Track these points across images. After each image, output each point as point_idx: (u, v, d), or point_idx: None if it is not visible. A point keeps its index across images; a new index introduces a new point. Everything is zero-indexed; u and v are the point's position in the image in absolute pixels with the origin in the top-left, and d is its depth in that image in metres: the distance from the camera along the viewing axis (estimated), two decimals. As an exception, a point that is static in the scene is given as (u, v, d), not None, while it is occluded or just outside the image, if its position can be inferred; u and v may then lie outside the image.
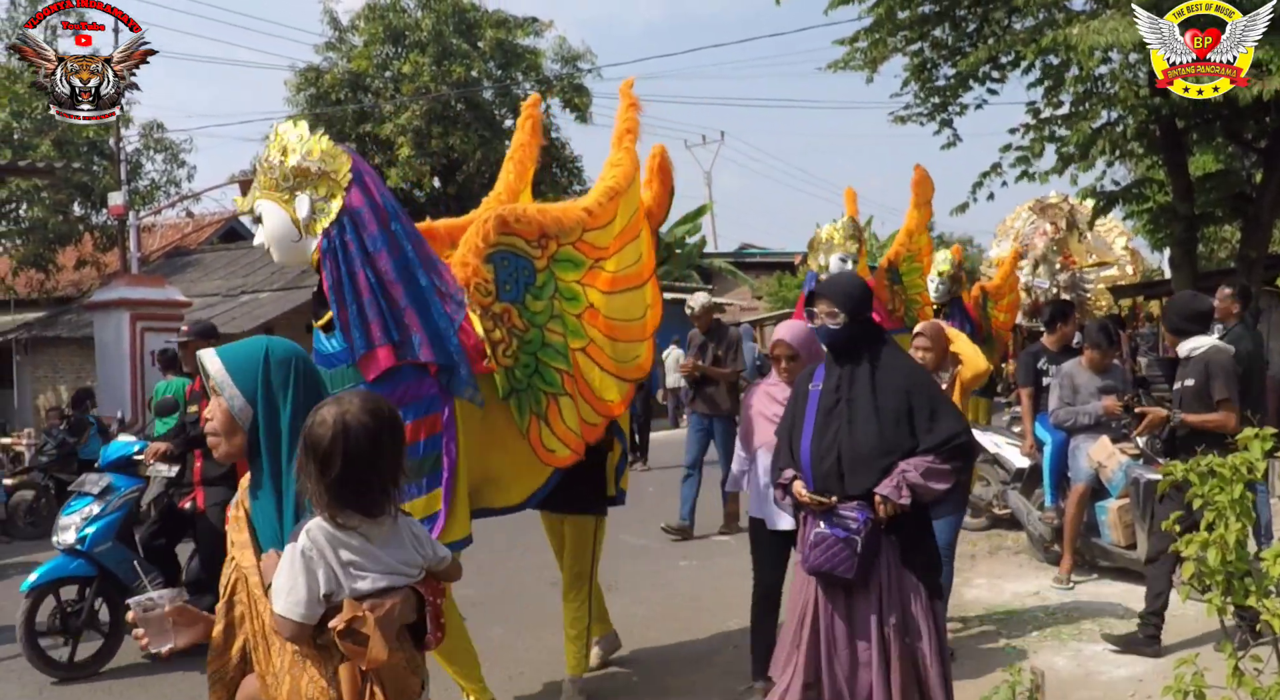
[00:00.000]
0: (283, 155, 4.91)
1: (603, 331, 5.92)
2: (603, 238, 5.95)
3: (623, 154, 6.25)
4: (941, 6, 13.21)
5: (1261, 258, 12.62)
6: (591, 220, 5.86)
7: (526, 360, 5.44)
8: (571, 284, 5.76)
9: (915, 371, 4.74)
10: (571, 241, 5.75)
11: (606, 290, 5.96)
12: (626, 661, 7.03)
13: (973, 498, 10.54)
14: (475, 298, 5.19)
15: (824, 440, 4.59)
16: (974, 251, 49.65)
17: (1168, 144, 13.13)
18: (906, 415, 4.50)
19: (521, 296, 5.46)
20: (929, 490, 4.42)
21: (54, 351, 21.78)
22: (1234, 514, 3.28)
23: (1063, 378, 8.59)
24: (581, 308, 5.80)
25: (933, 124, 14.24)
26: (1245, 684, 3.30)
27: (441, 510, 4.95)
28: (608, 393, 5.94)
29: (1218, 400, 6.62)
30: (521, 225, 5.50)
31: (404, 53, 28.45)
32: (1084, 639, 7.03)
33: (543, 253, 5.61)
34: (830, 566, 4.43)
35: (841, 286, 4.75)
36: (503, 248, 5.41)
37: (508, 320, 5.35)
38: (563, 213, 5.76)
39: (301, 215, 4.86)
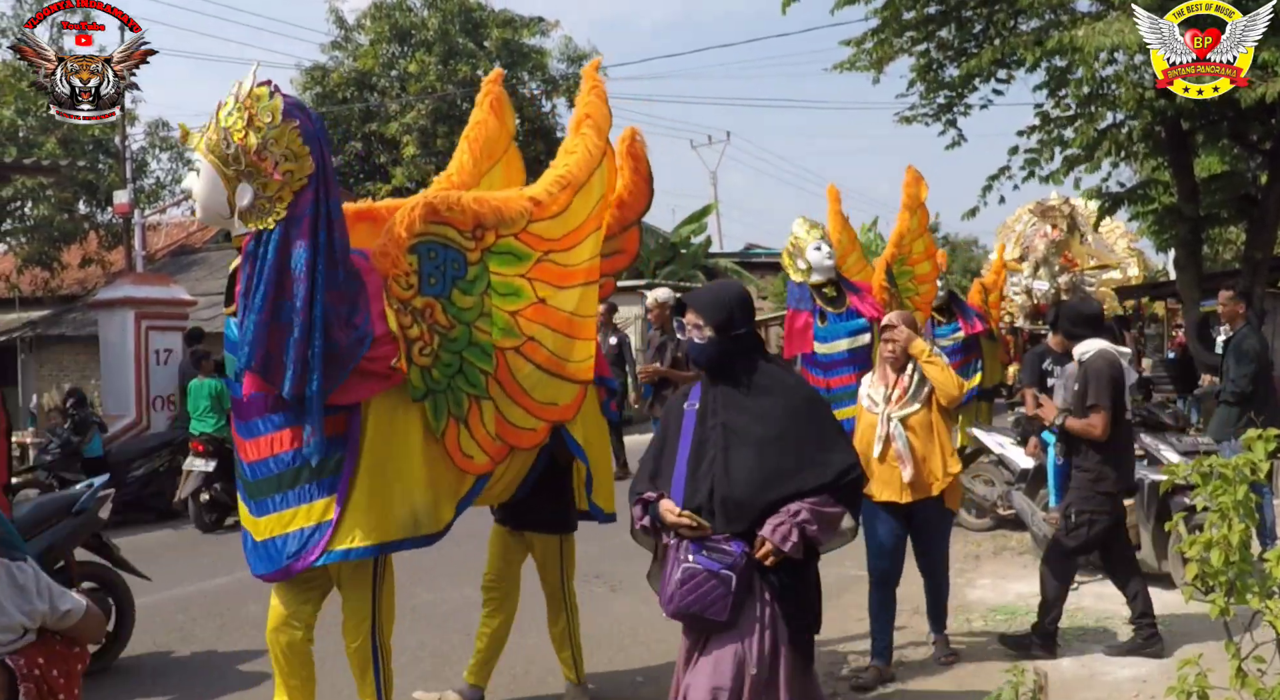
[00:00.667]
0: (246, 127, 4.49)
1: (557, 328, 5.51)
2: (554, 229, 5.50)
3: (578, 140, 5.77)
4: (947, 7, 13.22)
5: (1266, 259, 12.62)
6: (539, 210, 5.41)
7: (449, 359, 5.02)
8: (512, 279, 5.32)
9: (801, 393, 4.20)
10: (513, 233, 5.31)
11: (561, 284, 5.55)
12: (632, 661, 7.04)
13: (976, 498, 10.56)
14: (394, 291, 4.82)
15: (697, 471, 4.05)
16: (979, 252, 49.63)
17: (1173, 145, 13.13)
18: (793, 445, 3.99)
19: (448, 291, 5.04)
20: (820, 538, 3.98)
21: (59, 350, 21.80)
22: (1237, 515, 3.28)
23: (1067, 378, 8.60)
24: (524, 304, 5.36)
25: (938, 124, 14.25)
26: (1249, 685, 3.31)
27: (334, 518, 4.64)
28: (551, 395, 5.52)
29: (1088, 405, 6.65)
30: (454, 214, 5.10)
31: (410, 52, 28.48)
32: (1088, 639, 7.04)
33: (477, 244, 5.19)
34: (700, 607, 3.90)
35: (710, 296, 4.29)
36: (431, 238, 5.02)
37: (429, 316, 4.94)
38: (504, 202, 5.31)
39: (240, 204, 4.53)
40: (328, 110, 28.40)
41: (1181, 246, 13.95)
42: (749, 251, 41.61)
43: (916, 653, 6.86)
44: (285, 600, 4.91)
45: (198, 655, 7.48)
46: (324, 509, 4.63)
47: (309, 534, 4.63)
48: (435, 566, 8.41)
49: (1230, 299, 9.35)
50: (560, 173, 5.59)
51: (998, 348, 15.56)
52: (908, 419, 6.40)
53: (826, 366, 10.35)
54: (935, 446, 6.41)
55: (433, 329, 4.94)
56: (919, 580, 8.71)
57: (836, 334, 10.39)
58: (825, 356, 10.48)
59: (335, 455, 4.64)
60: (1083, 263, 21.18)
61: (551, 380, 5.50)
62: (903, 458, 6.34)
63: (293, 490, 4.63)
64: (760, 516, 3.92)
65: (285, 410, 4.59)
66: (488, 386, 5.18)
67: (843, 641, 7.17)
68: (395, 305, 4.81)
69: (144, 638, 7.89)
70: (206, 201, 4.63)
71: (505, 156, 6.21)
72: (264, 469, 4.67)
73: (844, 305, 10.46)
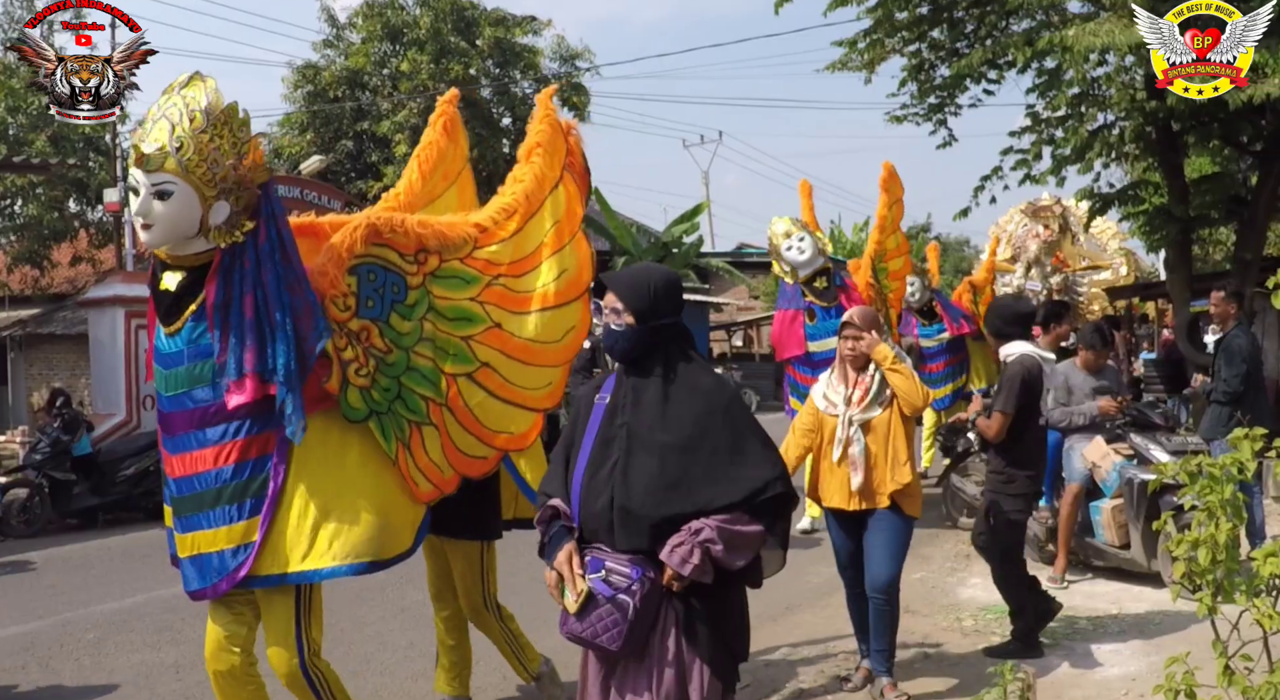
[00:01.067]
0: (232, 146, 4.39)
1: (514, 354, 5.33)
2: (503, 254, 5.31)
3: (527, 169, 5.56)
4: (939, 7, 13.25)
5: (1257, 260, 12.66)
6: (484, 237, 5.23)
7: (387, 384, 4.84)
8: (462, 303, 5.15)
9: (720, 398, 3.70)
10: (458, 257, 5.15)
11: (517, 309, 5.35)
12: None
13: (968, 498, 10.58)
14: (331, 312, 4.64)
15: (597, 475, 3.64)
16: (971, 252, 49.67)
17: (1164, 146, 13.17)
18: (702, 455, 3.56)
19: (386, 315, 4.88)
20: (731, 562, 3.51)
21: (49, 348, 21.77)
22: (1224, 514, 3.29)
23: (1058, 378, 8.63)
24: (479, 328, 5.19)
25: (929, 124, 14.28)
26: (1236, 683, 3.32)
27: (257, 540, 4.45)
28: (505, 423, 5.33)
29: (993, 408, 6.75)
30: (397, 236, 4.92)
31: (402, 51, 28.46)
32: (1077, 638, 7.05)
33: (419, 268, 5.02)
34: (591, 634, 3.53)
35: (632, 278, 3.83)
36: (371, 260, 4.85)
37: (365, 339, 4.78)
38: (449, 227, 5.13)
39: (214, 222, 4.39)
40: (319, 108, 28.39)
41: (1172, 247, 13.99)
42: (741, 251, 41.71)
43: (904, 651, 6.86)
44: (219, 622, 4.67)
45: (185, 657, 7.45)
46: (245, 531, 4.46)
47: (231, 555, 4.46)
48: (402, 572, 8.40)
49: (1222, 300, 9.38)
50: (505, 202, 5.40)
51: (989, 348, 15.52)
52: (869, 423, 5.96)
53: (818, 365, 10.03)
54: (888, 454, 5.93)
55: (368, 352, 4.78)
56: (909, 578, 8.75)
57: (828, 331, 10.17)
58: (818, 355, 10.36)
59: (259, 476, 4.48)
60: (1074, 263, 21.18)
61: (506, 408, 5.33)
62: (855, 463, 5.92)
63: (215, 509, 4.46)
64: (664, 533, 3.52)
65: (220, 424, 4.45)
66: (429, 412, 4.99)
67: (834, 640, 7.17)
68: (330, 327, 4.63)
69: (132, 638, 7.88)
70: (176, 224, 4.40)
71: (459, 180, 6.07)
72: (189, 486, 4.51)
73: (834, 300, 10.37)
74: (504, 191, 5.51)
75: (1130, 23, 9.71)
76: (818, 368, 9.97)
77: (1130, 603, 7.80)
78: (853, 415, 5.97)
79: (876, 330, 6.01)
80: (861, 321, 6.00)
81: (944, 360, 13.81)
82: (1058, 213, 20.33)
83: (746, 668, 6.53)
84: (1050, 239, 20.32)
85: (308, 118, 28.80)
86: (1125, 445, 8.33)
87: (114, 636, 8.02)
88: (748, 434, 3.65)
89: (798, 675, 6.53)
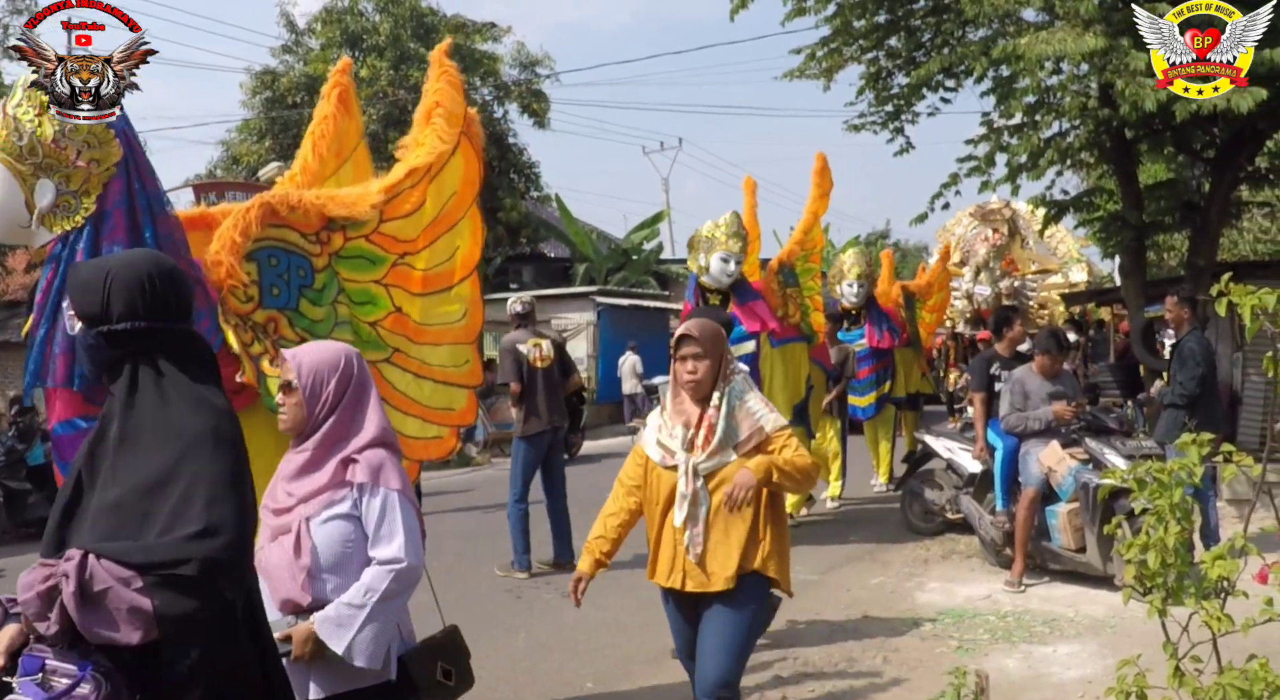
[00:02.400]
0: (38, 115, 3.98)
1: (420, 339, 5.05)
2: (408, 229, 4.96)
3: (427, 132, 5.13)
4: (896, 16, 13.33)
5: (1209, 266, 12.78)
6: (390, 209, 4.84)
7: None
8: (367, 286, 4.80)
9: (182, 440, 2.61)
10: (364, 234, 4.77)
11: (419, 291, 5.03)
12: (583, 666, 7.05)
13: (926, 501, 10.67)
14: (231, 305, 4.24)
15: (61, 521, 2.69)
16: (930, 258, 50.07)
17: (1117, 154, 13.29)
18: (134, 512, 2.56)
19: (294, 301, 4.50)
20: (89, 626, 2.45)
21: (4, 356, 21.52)
22: (1174, 518, 3.35)
23: (1013, 384, 8.72)
24: (382, 313, 4.86)
25: (886, 132, 14.36)
26: (1186, 684, 3.36)
27: None
28: (446, 401, 5.15)
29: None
30: (297, 215, 4.53)
31: (361, 57, 28.39)
32: (1034, 641, 7.11)
33: (324, 249, 4.64)
34: None
35: (86, 270, 2.83)
36: (271, 243, 4.44)
37: (274, 331, 4.39)
38: (353, 201, 4.74)
39: (40, 205, 3.99)
40: (278, 115, 28.27)
41: (1126, 253, 14.12)
42: (701, 257, 41.70)
43: (863, 655, 6.90)
44: None
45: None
46: None
47: None
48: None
49: (1175, 304, 9.49)
50: (412, 165, 4.99)
51: (918, 357, 15.34)
52: (717, 473, 4.41)
53: None
54: (748, 515, 4.41)
55: (278, 345, 4.31)
56: (868, 582, 8.80)
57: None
58: None
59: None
60: (1024, 268, 21.27)
61: (437, 387, 5.15)
62: (698, 531, 4.39)
63: None
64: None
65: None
66: None
67: (788, 646, 7.20)
68: (233, 321, 4.24)
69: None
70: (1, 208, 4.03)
71: (354, 155, 5.68)
72: None
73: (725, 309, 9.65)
74: (406, 157, 5.14)
75: (1083, 32, 9.84)
76: None
77: (1086, 605, 7.88)
78: (696, 463, 4.41)
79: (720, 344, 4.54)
80: (701, 337, 4.44)
81: (869, 366, 13.51)
82: (1006, 216, 20.39)
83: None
84: (999, 243, 20.38)
85: (266, 124, 28.70)
86: (1081, 450, 8.41)
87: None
88: (202, 489, 2.56)
89: (757, 682, 6.54)
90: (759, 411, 4.50)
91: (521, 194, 31.57)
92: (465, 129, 5.46)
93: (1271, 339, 3.35)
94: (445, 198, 5.16)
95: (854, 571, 9.37)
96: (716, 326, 4.65)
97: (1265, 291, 3.28)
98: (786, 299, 10.62)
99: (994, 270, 20.04)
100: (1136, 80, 9.54)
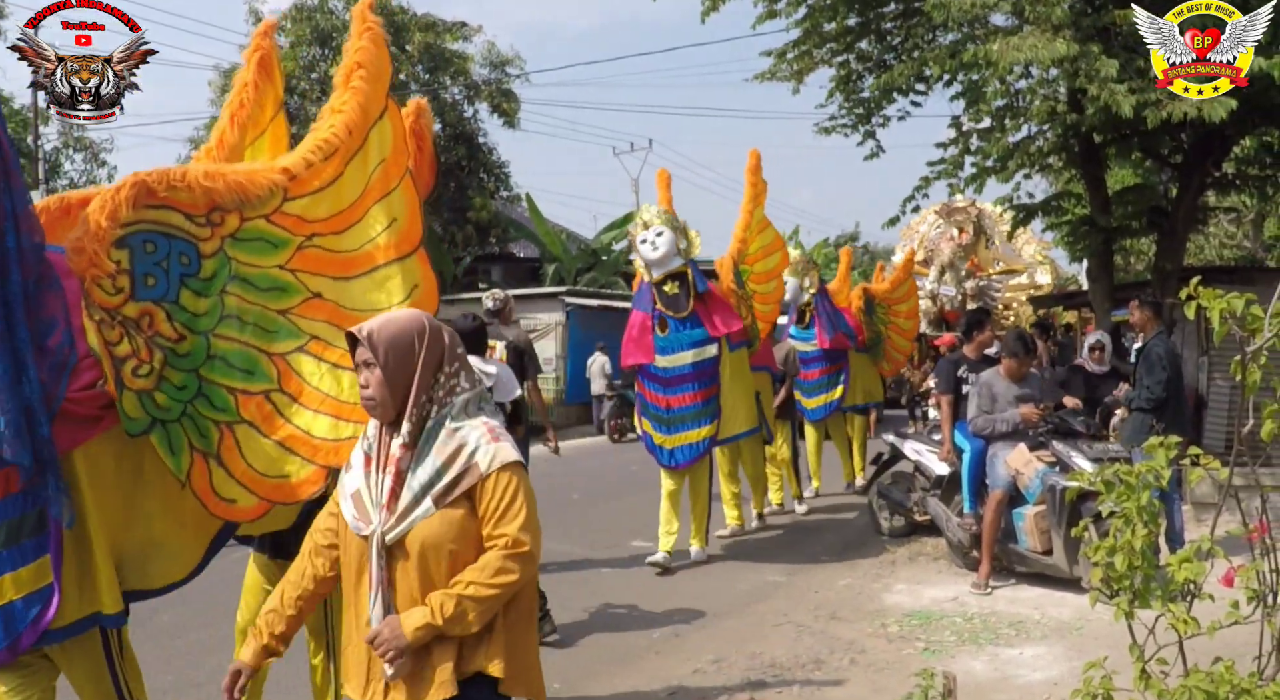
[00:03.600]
0: None
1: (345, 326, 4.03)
2: (318, 207, 4.32)
3: (348, 96, 4.49)
4: (866, 20, 13.38)
5: (1176, 270, 12.89)
6: (296, 185, 4.23)
7: (182, 380, 3.94)
8: (270, 271, 4.20)
9: None
10: (264, 214, 4.17)
11: (341, 274, 4.38)
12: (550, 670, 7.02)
13: (893, 502, 10.70)
14: (97, 297, 3.75)
15: None
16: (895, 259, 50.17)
17: (1085, 158, 13.39)
18: None
19: (174, 293, 3.95)
20: None
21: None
22: (1140, 520, 3.36)
23: (981, 386, 8.75)
24: (296, 300, 4.25)
25: (856, 135, 14.40)
26: (1152, 686, 3.37)
27: (54, 582, 3.67)
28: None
29: None
30: (179, 194, 3.92)
31: (331, 55, 28.26)
32: (1001, 643, 7.13)
33: (213, 231, 4.05)
34: None
35: None
36: (148, 226, 3.89)
37: (148, 327, 3.87)
38: (249, 177, 4.13)
39: None
40: (247, 113, 28.12)
41: (1094, 257, 14.22)
42: (671, 259, 41.70)
43: (830, 656, 6.91)
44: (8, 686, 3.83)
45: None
46: (33, 576, 3.66)
47: (21, 607, 3.65)
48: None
49: (1139, 308, 9.57)
50: (325, 135, 4.37)
51: (873, 360, 15.02)
52: (408, 538, 3.06)
53: (667, 383, 9.49)
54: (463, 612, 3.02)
55: (152, 343, 3.89)
56: (835, 584, 8.82)
57: (679, 344, 9.39)
58: (666, 371, 9.47)
59: (30, 512, 3.65)
60: (989, 268, 21.23)
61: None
62: (376, 626, 3.03)
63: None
64: None
65: None
66: (241, 407, 4.10)
67: (761, 648, 7.19)
68: (98, 316, 3.78)
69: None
70: None
71: (271, 125, 5.16)
72: None
73: (685, 309, 9.38)
74: (320, 126, 4.49)
75: (1053, 37, 9.89)
76: (670, 385, 9.45)
77: (1053, 608, 7.91)
78: (384, 531, 3.07)
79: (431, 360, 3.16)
80: (377, 337, 3.13)
81: (819, 369, 13.16)
82: (972, 214, 20.34)
83: (673, 675, 6.60)
84: (965, 243, 20.34)
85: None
86: (1048, 452, 8.45)
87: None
88: None
89: (724, 683, 6.54)
90: (475, 441, 3.08)
91: (491, 193, 31.51)
92: (414, 122, 5.10)
93: (1240, 343, 3.36)
94: (371, 169, 4.51)
95: (822, 573, 9.38)
96: (415, 325, 3.17)
97: (1233, 296, 3.29)
98: (740, 301, 10.23)
99: (959, 270, 19.97)
100: (1108, 87, 9.60)
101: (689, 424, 9.41)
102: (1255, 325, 3.35)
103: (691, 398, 9.39)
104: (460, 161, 30.04)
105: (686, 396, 9.41)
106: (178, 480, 3.98)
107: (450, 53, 29.81)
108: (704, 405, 9.49)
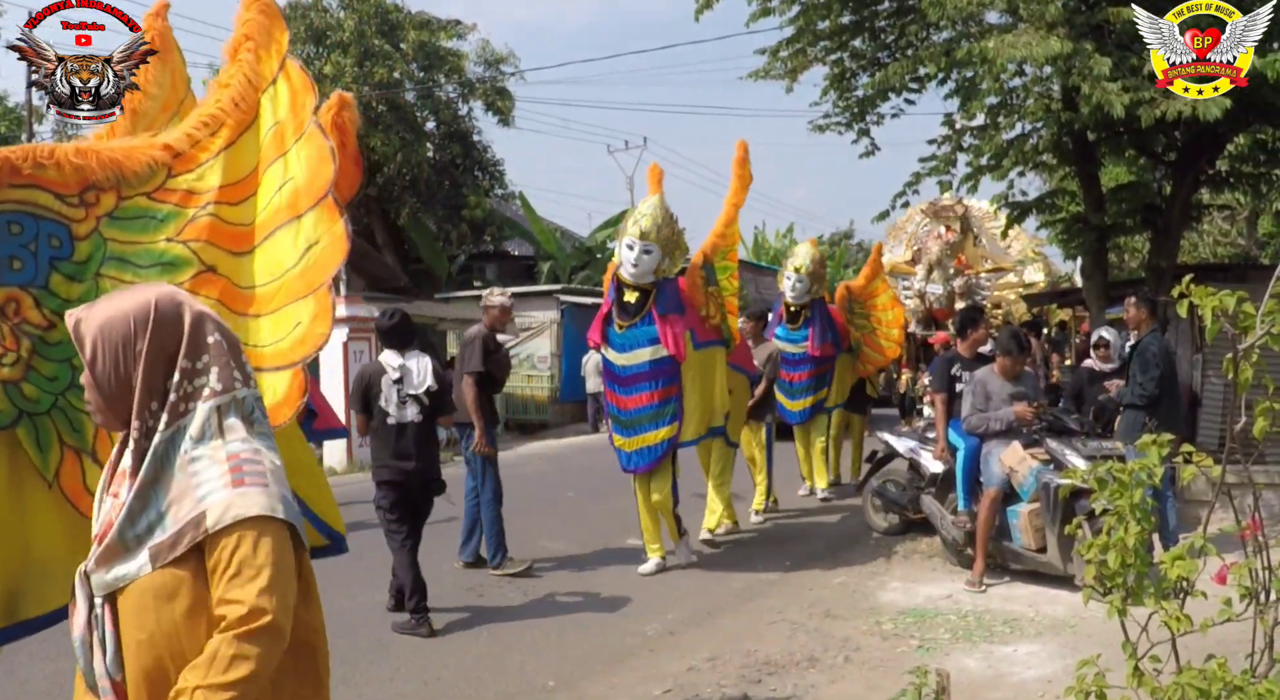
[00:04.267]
0: None
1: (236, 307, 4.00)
2: (209, 178, 4.02)
3: (234, 69, 4.26)
4: (860, 18, 13.36)
5: (1170, 267, 12.89)
6: (181, 162, 3.99)
7: (53, 371, 3.63)
8: (156, 245, 3.88)
9: None
10: (145, 191, 3.90)
11: (237, 248, 4.03)
12: (544, 666, 7.02)
13: (888, 499, 10.70)
14: None
15: None
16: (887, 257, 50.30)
17: (1079, 156, 13.38)
18: None
19: (44, 277, 3.67)
20: None
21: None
22: (1134, 518, 3.36)
23: (975, 384, 8.76)
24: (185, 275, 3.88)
25: (851, 133, 14.38)
26: (1145, 684, 3.38)
27: None
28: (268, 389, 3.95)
29: None
30: (47, 172, 3.66)
31: (325, 53, 28.20)
32: (995, 641, 7.14)
33: (88, 212, 3.77)
34: None
35: None
36: (11, 207, 3.61)
37: (14, 314, 3.59)
38: (126, 153, 3.87)
39: None
40: (241, 111, 28.06)
41: (1088, 255, 14.21)
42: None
43: (825, 654, 6.91)
44: None
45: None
46: None
47: None
48: (347, 573, 8.33)
49: (1134, 305, 9.58)
50: (208, 111, 4.13)
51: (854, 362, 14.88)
52: (122, 596, 2.44)
53: (624, 382, 9.34)
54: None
55: (19, 330, 3.60)
56: (830, 582, 8.83)
57: (635, 341, 9.24)
58: (624, 370, 9.32)
59: None
60: (977, 266, 21.14)
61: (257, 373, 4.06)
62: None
63: None
64: None
65: None
66: None
67: (756, 645, 7.20)
68: None
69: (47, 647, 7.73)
70: None
71: (181, 110, 4.84)
72: None
73: (642, 311, 9.26)
74: (207, 100, 4.27)
75: (1047, 35, 9.88)
76: (626, 385, 9.29)
77: (1046, 605, 7.92)
78: (89, 571, 2.51)
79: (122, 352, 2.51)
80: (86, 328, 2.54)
81: (807, 370, 13.07)
82: (959, 212, 20.24)
83: (668, 673, 6.60)
84: (952, 240, 20.23)
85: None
86: (1042, 450, 8.46)
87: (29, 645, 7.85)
88: None
89: (719, 681, 6.55)
90: (208, 485, 2.41)
91: (486, 191, 31.48)
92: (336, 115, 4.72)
93: (1232, 340, 3.37)
94: (264, 137, 4.20)
95: (816, 570, 9.38)
96: (136, 308, 2.54)
97: (1225, 294, 3.30)
98: (708, 297, 9.93)
99: (947, 268, 19.87)
100: (1101, 85, 9.60)
101: (646, 426, 9.17)
102: (1247, 323, 3.35)
103: (649, 398, 9.16)
104: (455, 159, 30.02)
105: (643, 396, 9.18)
106: (44, 480, 3.63)
107: (445, 51, 29.75)
108: (661, 406, 9.23)
